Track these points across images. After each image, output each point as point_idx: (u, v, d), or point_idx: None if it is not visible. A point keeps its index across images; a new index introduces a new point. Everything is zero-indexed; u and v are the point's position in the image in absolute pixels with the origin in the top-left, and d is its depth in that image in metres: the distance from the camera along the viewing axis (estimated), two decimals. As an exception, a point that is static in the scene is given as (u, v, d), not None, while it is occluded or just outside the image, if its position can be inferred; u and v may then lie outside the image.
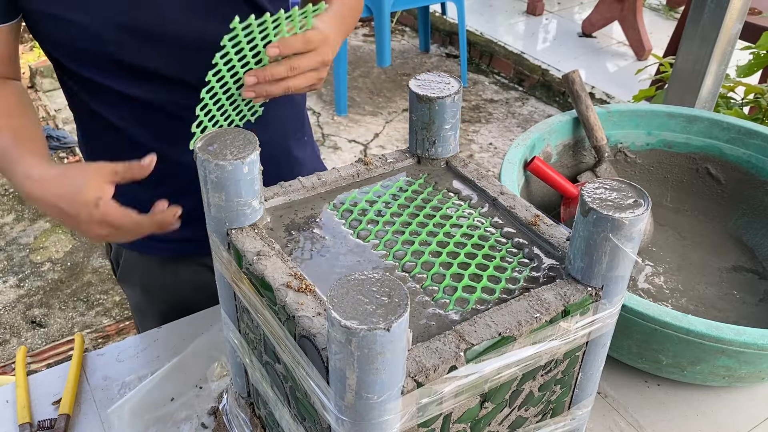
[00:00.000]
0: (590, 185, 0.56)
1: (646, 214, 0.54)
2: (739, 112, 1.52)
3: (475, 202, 0.70)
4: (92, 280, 2.48)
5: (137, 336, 0.98)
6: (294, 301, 0.54)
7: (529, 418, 0.64)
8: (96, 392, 0.89)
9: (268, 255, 0.59)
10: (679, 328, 0.75)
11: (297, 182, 0.70)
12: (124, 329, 2.28)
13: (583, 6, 4.70)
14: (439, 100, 0.70)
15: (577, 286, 0.58)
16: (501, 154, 3.25)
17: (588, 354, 0.63)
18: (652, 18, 4.42)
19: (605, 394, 0.89)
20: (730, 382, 0.83)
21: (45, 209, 0.76)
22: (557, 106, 3.69)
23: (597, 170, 1.11)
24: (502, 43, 4.06)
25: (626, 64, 3.92)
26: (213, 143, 0.60)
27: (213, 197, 0.60)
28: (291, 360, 0.56)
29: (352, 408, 0.48)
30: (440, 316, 0.56)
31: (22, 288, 2.44)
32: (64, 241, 2.66)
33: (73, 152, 3.18)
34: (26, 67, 3.81)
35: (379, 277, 0.46)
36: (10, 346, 2.21)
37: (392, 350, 0.44)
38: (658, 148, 1.16)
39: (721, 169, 1.13)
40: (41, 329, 2.27)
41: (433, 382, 0.50)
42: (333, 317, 0.43)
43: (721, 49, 1.26)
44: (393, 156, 0.76)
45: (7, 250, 2.61)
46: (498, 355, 0.54)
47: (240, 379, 0.76)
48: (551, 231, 0.65)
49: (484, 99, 3.74)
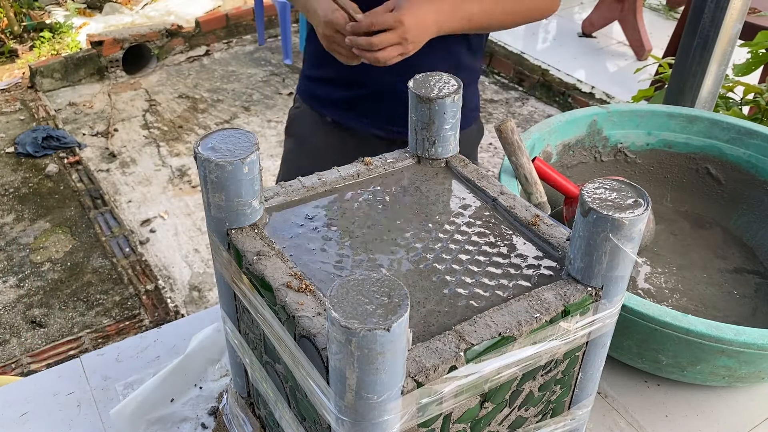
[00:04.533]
0: (590, 185, 0.56)
1: (646, 214, 0.54)
2: (738, 112, 1.52)
3: (475, 201, 0.70)
4: (92, 280, 2.48)
5: (137, 336, 0.98)
6: (294, 301, 0.54)
7: (529, 418, 0.64)
8: (96, 392, 0.89)
9: (268, 255, 0.59)
10: (679, 328, 0.75)
11: (297, 182, 0.70)
12: (124, 329, 2.28)
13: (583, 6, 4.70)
14: (439, 100, 0.70)
15: (577, 286, 0.58)
16: (501, 154, 3.25)
17: (588, 354, 0.63)
18: (652, 18, 4.41)
19: (605, 394, 0.89)
20: (730, 382, 0.83)
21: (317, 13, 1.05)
22: (557, 106, 3.69)
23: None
24: (502, 43, 4.06)
25: (626, 64, 3.92)
26: (213, 143, 0.60)
27: (213, 197, 0.60)
28: (291, 360, 0.56)
29: (352, 408, 0.48)
30: (440, 315, 0.56)
31: (22, 288, 2.44)
32: (64, 241, 2.66)
33: (73, 152, 3.18)
34: (26, 67, 3.81)
35: (379, 277, 0.46)
36: (10, 346, 2.21)
37: (392, 350, 0.44)
38: (658, 148, 1.16)
39: (721, 169, 1.13)
40: (41, 329, 2.27)
41: (433, 382, 0.50)
42: (333, 317, 0.43)
43: (721, 49, 1.26)
44: (393, 156, 0.76)
45: (7, 250, 2.61)
46: (498, 355, 0.53)
47: (240, 379, 0.76)
48: (551, 231, 0.65)
49: (484, 99, 3.74)
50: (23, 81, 3.78)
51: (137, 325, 2.30)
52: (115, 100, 3.66)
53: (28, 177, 3.03)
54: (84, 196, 2.91)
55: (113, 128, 3.42)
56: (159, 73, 3.94)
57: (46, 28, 4.11)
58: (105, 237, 2.68)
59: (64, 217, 2.79)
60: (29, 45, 4.06)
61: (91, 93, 3.73)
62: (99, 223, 2.76)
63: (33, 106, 3.56)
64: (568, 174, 1.14)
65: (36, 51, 3.97)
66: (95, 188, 2.96)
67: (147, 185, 3.02)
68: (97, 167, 3.13)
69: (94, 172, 3.08)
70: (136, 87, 3.81)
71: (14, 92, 3.70)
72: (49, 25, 4.15)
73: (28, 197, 2.91)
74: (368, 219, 0.67)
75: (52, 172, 3.04)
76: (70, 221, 2.77)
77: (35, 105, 3.57)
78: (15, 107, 3.56)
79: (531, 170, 0.93)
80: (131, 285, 2.45)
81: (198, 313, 1.01)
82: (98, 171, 3.10)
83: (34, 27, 4.15)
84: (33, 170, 3.08)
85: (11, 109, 3.55)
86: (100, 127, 3.44)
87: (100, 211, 2.82)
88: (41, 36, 4.04)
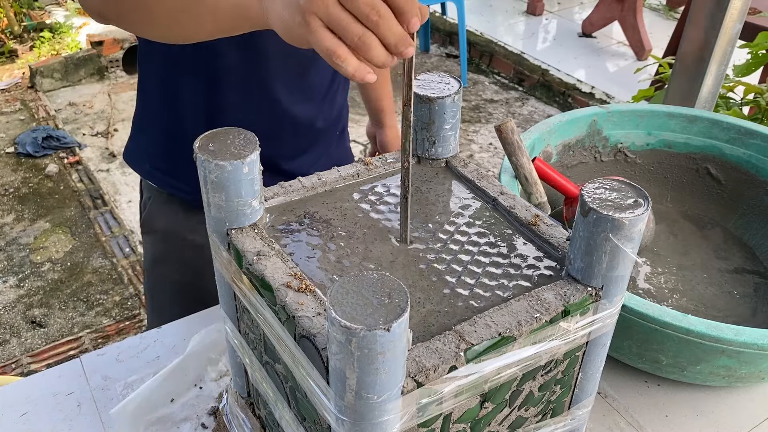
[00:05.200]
0: (590, 185, 0.56)
1: (646, 214, 0.54)
2: (737, 112, 1.52)
3: (475, 201, 0.70)
4: (92, 280, 2.48)
5: (137, 336, 0.98)
6: (294, 301, 0.54)
7: (529, 418, 0.64)
8: (96, 392, 0.89)
9: (268, 255, 0.59)
10: (679, 328, 0.75)
11: (297, 182, 0.70)
12: (124, 329, 2.28)
13: (583, 6, 4.70)
14: (439, 100, 0.70)
15: (577, 286, 0.58)
16: (501, 154, 3.25)
17: (588, 354, 0.63)
18: (652, 18, 4.42)
19: (605, 394, 0.89)
20: (730, 382, 0.83)
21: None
22: (557, 106, 3.69)
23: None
24: (502, 43, 4.06)
25: (626, 64, 3.92)
26: (213, 143, 0.59)
27: (213, 197, 0.60)
28: (291, 360, 0.56)
29: (352, 408, 0.48)
30: (440, 315, 0.56)
31: (22, 288, 2.44)
32: (64, 241, 2.66)
33: (73, 152, 3.18)
34: (26, 67, 3.81)
35: (379, 277, 0.46)
36: (10, 346, 2.21)
37: (392, 350, 0.44)
38: (658, 148, 1.16)
39: (721, 169, 1.13)
40: (41, 329, 2.27)
41: (433, 382, 0.50)
42: (333, 317, 0.43)
43: (721, 49, 1.26)
44: (393, 156, 0.76)
45: (7, 250, 2.61)
46: (498, 355, 0.53)
47: (240, 379, 0.76)
48: (551, 231, 0.65)
49: (484, 99, 3.74)
50: (23, 81, 3.78)
51: (137, 325, 2.30)
52: (115, 100, 3.66)
53: (28, 177, 3.03)
54: (84, 196, 2.91)
55: (113, 128, 3.42)
56: (159, 73, 3.94)
57: (46, 28, 4.11)
58: (105, 237, 2.68)
59: (64, 217, 2.79)
60: (29, 45, 4.06)
61: (91, 93, 3.73)
62: (99, 223, 2.76)
63: (33, 106, 3.56)
64: (568, 174, 1.14)
65: (36, 51, 3.97)
66: (95, 188, 2.96)
67: (147, 185, 3.01)
68: (97, 167, 3.13)
69: (94, 172, 3.08)
70: (136, 87, 3.81)
71: (14, 92, 3.70)
72: (49, 25, 4.15)
73: (28, 197, 2.91)
74: (368, 219, 0.67)
75: (52, 172, 3.04)
76: (70, 221, 2.77)
77: (35, 105, 3.57)
78: (15, 107, 3.56)
79: (531, 170, 0.93)
80: (131, 285, 2.45)
81: (198, 313, 1.01)
82: (98, 171, 3.10)
83: (34, 27, 4.15)
84: (33, 170, 3.08)
85: (11, 109, 3.55)
86: (100, 127, 3.44)
87: (100, 211, 2.82)
88: (41, 36, 4.04)
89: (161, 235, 1.13)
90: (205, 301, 0.99)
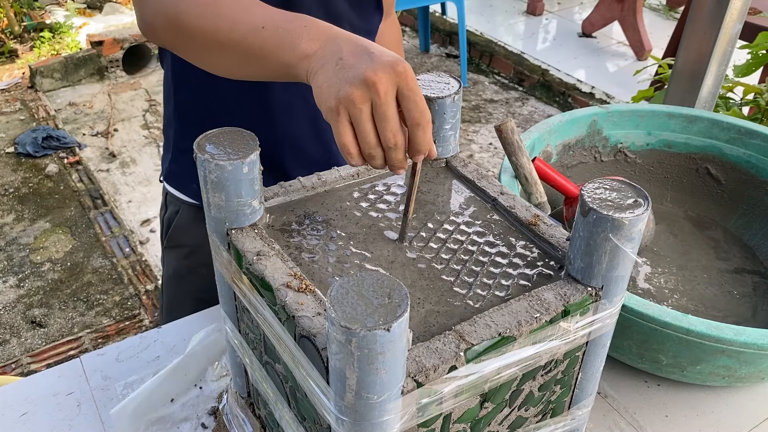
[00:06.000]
0: (590, 185, 0.56)
1: (646, 214, 0.54)
2: (737, 112, 1.52)
3: (475, 201, 0.70)
4: (92, 280, 2.48)
5: (137, 336, 0.98)
6: (294, 301, 0.54)
7: (529, 418, 0.64)
8: (96, 392, 0.89)
9: (268, 255, 0.59)
10: (679, 328, 0.75)
11: (297, 182, 0.70)
12: (124, 329, 2.28)
13: (583, 6, 4.70)
14: (439, 100, 0.70)
15: (577, 286, 0.58)
16: (501, 154, 3.25)
17: (588, 354, 0.63)
18: (652, 18, 4.42)
19: (605, 394, 0.89)
20: (730, 382, 0.83)
21: (338, 43, 0.63)
22: (557, 106, 3.69)
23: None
24: (502, 43, 4.06)
25: (626, 64, 3.92)
26: (213, 143, 0.59)
27: (213, 197, 0.60)
28: (291, 360, 0.56)
29: (352, 408, 0.48)
30: (440, 315, 0.56)
31: (22, 288, 2.44)
32: (64, 241, 2.66)
33: (73, 152, 3.18)
34: (26, 67, 3.81)
35: (379, 277, 0.46)
36: (10, 346, 2.21)
37: (392, 350, 0.44)
38: (658, 148, 1.16)
39: (721, 169, 1.13)
40: (41, 329, 2.27)
41: (433, 382, 0.50)
42: (333, 317, 0.43)
43: (721, 49, 1.26)
44: (393, 156, 0.75)
45: (7, 250, 2.61)
46: (498, 355, 0.53)
47: (240, 379, 0.76)
48: (551, 231, 0.65)
49: (484, 99, 3.74)
50: (23, 81, 3.78)
51: (137, 325, 2.30)
52: (115, 100, 3.66)
53: (28, 177, 3.03)
54: (84, 196, 2.91)
55: (113, 128, 3.42)
56: (159, 73, 3.94)
57: (46, 28, 4.11)
58: (105, 237, 2.68)
59: (64, 217, 2.79)
60: (29, 45, 4.06)
61: (91, 93, 3.73)
62: (99, 223, 2.76)
63: (33, 106, 3.56)
64: (568, 174, 1.14)
65: (36, 51, 3.97)
66: (95, 188, 2.96)
67: (147, 185, 3.02)
68: (97, 167, 3.13)
69: (94, 172, 3.08)
70: (136, 87, 3.81)
71: (14, 92, 3.70)
72: (49, 25, 4.15)
73: (28, 197, 2.91)
74: (368, 219, 0.67)
75: (52, 172, 3.04)
76: (70, 221, 2.77)
77: (35, 105, 3.57)
78: (15, 107, 3.56)
79: (531, 170, 0.93)
80: (131, 285, 2.45)
81: (198, 313, 1.01)
82: (98, 171, 3.10)
83: (34, 27, 4.15)
84: (33, 170, 3.08)
85: (11, 109, 3.55)
86: (100, 127, 3.44)
87: (100, 211, 2.82)
88: (41, 36, 4.04)
89: (189, 250, 1.13)
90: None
